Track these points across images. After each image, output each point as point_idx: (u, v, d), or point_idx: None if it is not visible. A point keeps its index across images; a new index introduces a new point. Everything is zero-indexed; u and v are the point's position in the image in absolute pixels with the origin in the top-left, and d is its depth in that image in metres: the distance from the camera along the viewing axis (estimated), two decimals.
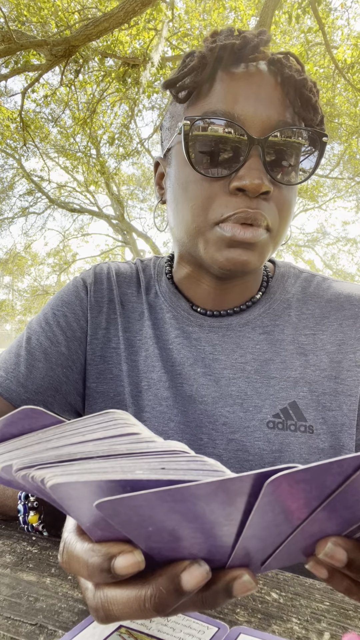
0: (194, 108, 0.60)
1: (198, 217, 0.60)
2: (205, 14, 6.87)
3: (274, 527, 0.24)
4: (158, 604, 0.25)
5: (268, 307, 0.69)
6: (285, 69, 0.58)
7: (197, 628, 0.37)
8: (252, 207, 0.57)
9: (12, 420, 0.30)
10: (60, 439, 0.28)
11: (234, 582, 0.26)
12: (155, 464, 0.25)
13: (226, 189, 0.58)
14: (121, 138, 8.84)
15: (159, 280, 0.74)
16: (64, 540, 0.31)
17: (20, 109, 6.17)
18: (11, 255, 13.79)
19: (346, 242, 15.98)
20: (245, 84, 0.58)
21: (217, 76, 0.59)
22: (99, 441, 0.27)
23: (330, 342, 0.66)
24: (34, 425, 0.31)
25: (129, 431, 0.28)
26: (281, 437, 0.61)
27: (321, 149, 0.61)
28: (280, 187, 0.59)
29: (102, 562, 0.26)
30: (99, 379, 0.70)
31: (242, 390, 0.64)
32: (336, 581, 0.27)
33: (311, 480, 0.21)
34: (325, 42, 5.84)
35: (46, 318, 0.72)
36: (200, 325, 0.68)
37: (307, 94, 0.59)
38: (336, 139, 9.20)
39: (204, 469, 0.25)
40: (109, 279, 0.75)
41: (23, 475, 0.26)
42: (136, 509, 0.22)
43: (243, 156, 0.57)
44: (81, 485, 0.23)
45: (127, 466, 0.25)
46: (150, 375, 0.68)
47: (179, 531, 0.24)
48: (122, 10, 4.06)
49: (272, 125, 0.57)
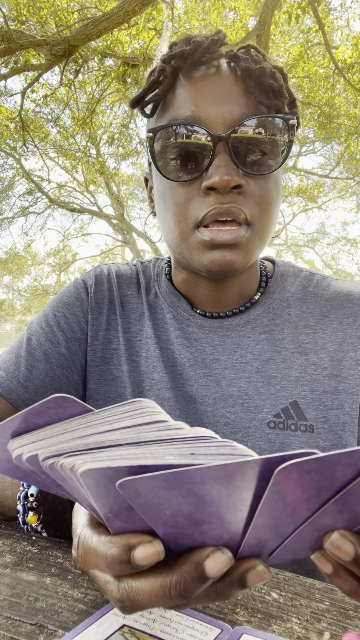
0: (161, 119, 0.61)
1: (179, 223, 0.60)
2: (205, 14, 6.87)
3: (284, 517, 0.24)
4: (183, 590, 0.26)
5: (268, 307, 0.69)
6: (242, 62, 0.59)
7: (199, 629, 0.37)
8: (225, 202, 0.57)
9: (41, 409, 0.30)
10: (87, 429, 0.28)
11: (248, 573, 0.26)
12: (185, 450, 0.25)
13: (200, 191, 0.59)
14: (120, 138, 8.85)
15: (159, 281, 0.75)
16: (78, 535, 0.31)
17: (20, 109, 6.16)
18: (11, 255, 13.78)
19: (346, 242, 15.99)
20: (204, 85, 0.59)
21: (177, 84, 0.60)
22: (126, 429, 0.28)
23: (331, 341, 0.66)
24: (61, 415, 0.30)
25: (156, 419, 0.28)
26: (282, 437, 0.61)
27: (290, 133, 0.60)
28: (255, 179, 0.59)
29: (122, 553, 0.26)
30: (100, 380, 0.70)
31: (243, 391, 0.64)
32: (340, 579, 0.27)
33: (321, 471, 0.21)
34: (325, 42, 5.84)
35: (47, 319, 0.72)
36: (201, 326, 0.68)
37: (267, 82, 0.58)
38: (336, 139, 9.20)
39: (233, 453, 0.25)
40: (109, 280, 0.75)
41: (50, 464, 0.26)
42: (156, 490, 0.23)
43: (210, 155, 0.57)
44: (111, 471, 0.23)
45: (157, 452, 0.25)
46: (151, 376, 0.68)
47: (194, 515, 0.24)
48: (121, 10, 4.05)
49: (235, 120, 0.57)
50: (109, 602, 0.41)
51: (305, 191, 12.28)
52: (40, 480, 0.31)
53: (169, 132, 0.58)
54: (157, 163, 0.60)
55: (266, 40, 4.84)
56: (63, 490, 0.30)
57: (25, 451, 0.28)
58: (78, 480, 0.25)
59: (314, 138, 9.86)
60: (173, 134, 0.58)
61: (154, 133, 0.59)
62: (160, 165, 0.60)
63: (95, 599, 0.42)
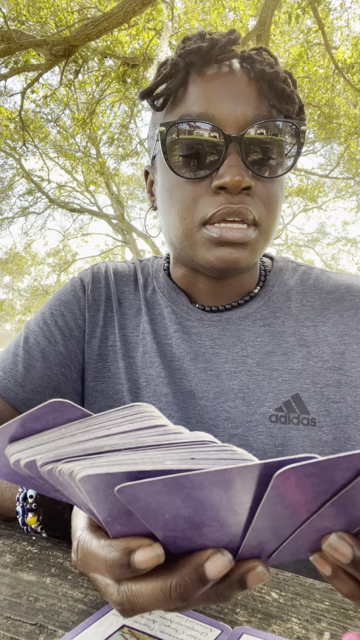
0: (171, 114, 0.61)
1: (185, 220, 0.60)
2: (205, 14, 6.86)
3: (283, 519, 0.24)
4: (183, 593, 0.26)
5: (267, 300, 0.69)
6: (257, 64, 0.59)
7: (199, 630, 0.37)
8: (235, 203, 0.57)
9: (38, 414, 0.30)
10: (85, 434, 0.28)
11: (247, 574, 0.26)
12: (185, 454, 0.25)
13: (209, 189, 0.59)
14: (120, 138, 8.85)
15: (157, 277, 0.75)
16: (77, 539, 0.31)
17: (20, 109, 6.16)
18: (11, 255, 13.78)
19: (346, 242, 15.98)
20: (218, 84, 0.59)
21: (190, 80, 0.60)
22: (125, 434, 0.27)
23: (332, 334, 0.66)
24: (58, 420, 0.30)
25: (155, 423, 0.28)
26: (284, 431, 0.61)
27: (300, 139, 0.61)
28: (263, 181, 0.60)
29: (121, 557, 0.26)
30: (98, 378, 0.70)
31: (244, 384, 0.64)
32: (340, 581, 0.27)
33: (320, 474, 0.21)
34: (325, 42, 5.84)
35: (44, 318, 0.72)
36: (200, 320, 0.68)
37: (280, 86, 0.59)
38: (335, 140, 9.20)
39: (233, 457, 0.25)
40: (106, 277, 0.75)
41: (49, 470, 0.26)
42: (155, 495, 0.23)
43: (221, 155, 0.57)
44: (110, 477, 0.23)
45: (156, 457, 0.25)
46: (148, 372, 0.68)
47: (194, 519, 0.24)
48: (121, 10, 4.05)
49: (247, 121, 0.58)
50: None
51: (305, 191, 12.28)
52: (39, 485, 0.31)
53: (181, 127, 0.58)
54: (167, 157, 0.59)
55: (266, 41, 4.84)
56: (62, 495, 0.30)
57: (23, 457, 0.28)
58: (77, 486, 0.25)
59: (314, 138, 9.86)
60: (185, 130, 0.58)
61: (167, 127, 0.58)
62: (170, 160, 0.59)
63: (95, 599, 0.42)
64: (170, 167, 0.60)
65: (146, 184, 0.73)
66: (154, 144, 0.66)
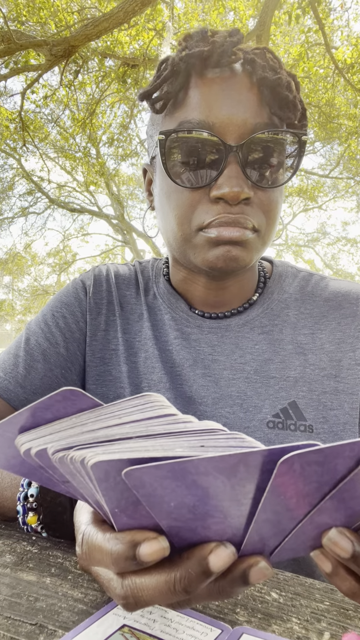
0: (171, 118, 0.60)
1: (182, 225, 0.60)
2: (205, 14, 6.86)
3: (285, 511, 0.24)
4: (187, 585, 0.26)
5: (266, 307, 0.69)
6: (259, 69, 0.58)
7: (200, 629, 0.37)
8: (234, 213, 0.57)
9: (49, 403, 0.30)
10: (96, 423, 0.29)
11: (250, 569, 0.26)
12: (195, 442, 0.25)
13: (207, 197, 0.58)
14: (120, 139, 8.85)
15: (157, 282, 0.75)
16: (82, 533, 0.31)
17: (20, 110, 6.17)
18: (11, 255, 13.78)
19: (346, 242, 15.98)
20: (219, 90, 0.57)
21: (191, 83, 0.59)
22: (135, 423, 0.28)
23: (329, 341, 0.66)
24: (69, 409, 0.30)
25: (165, 412, 0.28)
26: (281, 437, 0.61)
27: (301, 148, 0.60)
28: (263, 190, 0.59)
29: (127, 549, 0.26)
30: (99, 381, 0.70)
31: (242, 391, 0.64)
32: (340, 578, 0.27)
33: (323, 463, 0.22)
34: (325, 42, 5.84)
35: (45, 319, 0.72)
36: (199, 327, 0.68)
37: (283, 93, 0.58)
38: (336, 140, 9.20)
39: (243, 445, 0.25)
40: (107, 280, 0.75)
41: (60, 457, 0.26)
42: (161, 480, 0.23)
43: (221, 164, 0.57)
44: (121, 463, 0.23)
45: (167, 444, 0.25)
46: (150, 377, 0.68)
47: (198, 508, 0.24)
48: (121, 10, 4.06)
49: (248, 130, 0.57)
50: (109, 602, 0.41)
51: (305, 191, 12.28)
52: (46, 477, 0.31)
53: (180, 135, 0.58)
54: (166, 164, 0.59)
55: (266, 41, 4.84)
56: (69, 486, 0.30)
57: (34, 445, 0.28)
58: (87, 474, 0.25)
59: (314, 138, 9.85)
60: (184, 138, 0.57)
61: (166, 135, 0.58)
62: (168, 167, 0.59)
63: (95, 599, 0.42)
64: (169, 174, 0.59)
65: (144, 182, 0.73)
66: (153, 145, 0.65)
